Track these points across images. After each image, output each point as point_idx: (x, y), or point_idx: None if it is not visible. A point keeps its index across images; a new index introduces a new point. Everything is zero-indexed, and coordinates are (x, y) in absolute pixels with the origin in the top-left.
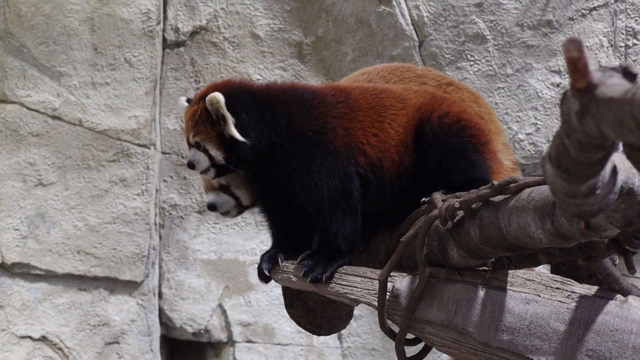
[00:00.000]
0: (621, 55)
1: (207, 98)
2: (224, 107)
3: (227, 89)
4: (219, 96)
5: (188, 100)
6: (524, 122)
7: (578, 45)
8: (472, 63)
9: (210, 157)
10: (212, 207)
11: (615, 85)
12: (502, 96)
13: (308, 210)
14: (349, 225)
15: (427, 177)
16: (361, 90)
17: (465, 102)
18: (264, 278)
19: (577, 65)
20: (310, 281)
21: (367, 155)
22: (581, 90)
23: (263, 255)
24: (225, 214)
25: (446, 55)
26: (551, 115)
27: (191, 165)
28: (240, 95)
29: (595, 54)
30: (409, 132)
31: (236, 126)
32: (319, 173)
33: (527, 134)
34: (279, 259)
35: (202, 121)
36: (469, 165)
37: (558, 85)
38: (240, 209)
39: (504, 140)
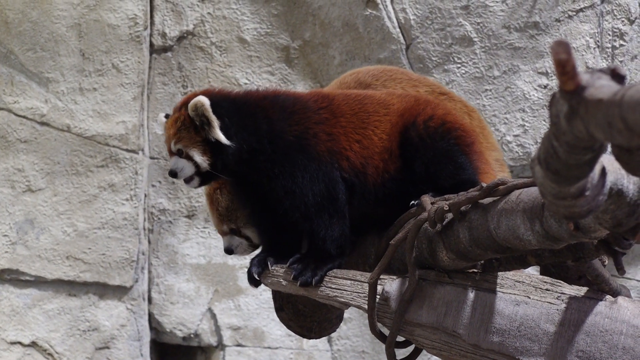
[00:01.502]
0: (608, 56)
1: (191, 102)
2: (209, 110)
3: (208, 95)
4: (203, 99)
5: (166, 116)
6: (511, 123)
7: (566, 47)
8: (459, 65)
9: (195, 164)
10: (229, 251)
11: (604, 87)
12: (490, 98)
13: (294, 216)
14: (337, 228)
15: (414, 183)
16: (344, 96)
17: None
18: (254, 282)
19: (565, 67)
20: (300, 285)
21: (350, 161)
22: (570, 92)
23: (253, 260)
24: (240, 254)
25: (433, 58)
26: (539, 117)
27: (173, 174)
28: (222, 102)
29: (582, 55)
30: (394, 139)
31: (221, 129)
32: (302, 178)
33: (515, 136)
34: (269, 263)
35: (185, 127)
36: (456, 169)
37: (545, 87)
38: (252, 247)
39: (498, 156)
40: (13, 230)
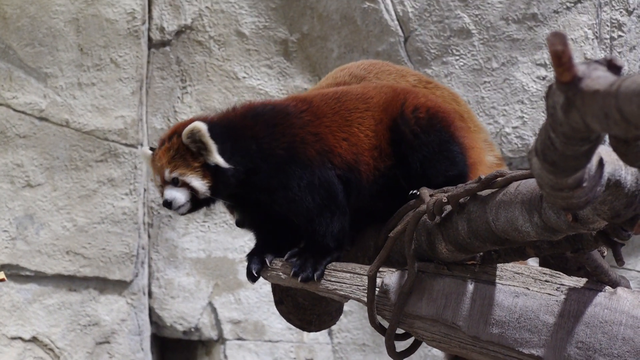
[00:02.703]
0: (606, 47)
1: (186, 129)
2: (207, 135)
3: (200, 121)
4: (200, 125)
5: (152, 149)
6: (510, 115)
7: (562, 39)
8: (457, 57)
9: (192, 190)
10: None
11: (600, 78)
12: (488, 90)
13: (298, 220)
14: (337, 224)
15: (408, 178)
16: (321, 96)
17: (445, 100)
18: (252, 278)
19: (561, 58)
20: (301, 281)
21: (342, 157)
22: (566, 84)
23: (250, 256)
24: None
25: (432, 50)
26: (537, 109)
27: (168, 204)
28: (213, 127)
29: (581, 46)
30: (382, 137)
31: (218, 153)
32: (300, 187)
33: (514, 128)
34: (267, 260)
35: (180, 155)
36: (451, 163)
37: (544, 79)
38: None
39: (485, 137)
40: (13, 225)
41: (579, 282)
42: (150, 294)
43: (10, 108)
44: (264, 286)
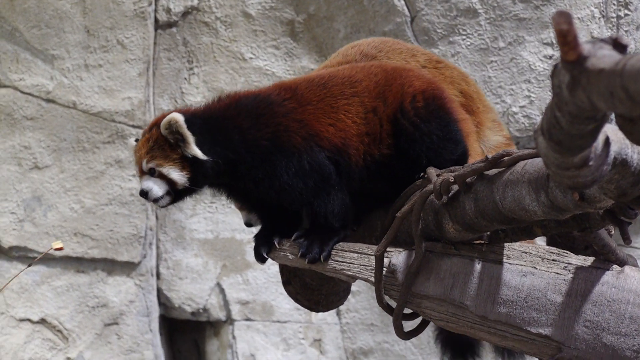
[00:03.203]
0: (613, 26)
1: (164, 120)
2: (184, 126)
3: (179, 113)
4: (177, 116)
5: (136, 140)
6: (517, 95)
7: (567, 18)
8: (464, 37)
9: (170, 182)
10: (248, 224)
11: (606, 57)
12: (495, 69)
13: (294, 206)
14: (337, 203)
15: (408, 169)
16: (307, 83)
17: (455, 80)
18: (262, 259)
19: (566, 37)
20: (308, 262)
21: (329, 140)
22: (571, 63)
23: (257, 238)
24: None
25: (438, 30)
26: (544, 88)
27: (144, 194)
28: (192, 119)
29: (587, 25)
30: (376, 125)
31: (196, 145)
32: (288, 175)
33: (521, 107)
34: (275, 241)
35: (159, 146)
36: (455, 143)
37: (551, 58)
38: None
39: (494, 117)
40: (20, 207)
41: (587, 261)
42: (158, 275)
43: (17, 90)
44: (272, 267)
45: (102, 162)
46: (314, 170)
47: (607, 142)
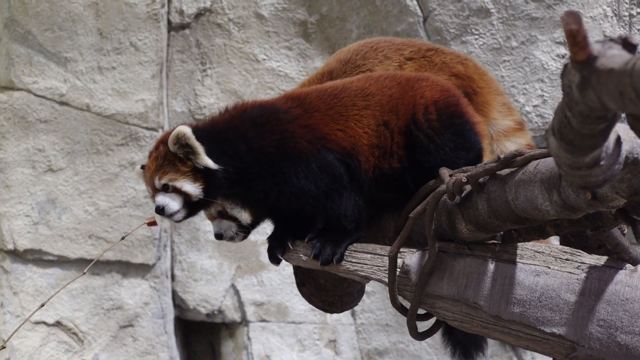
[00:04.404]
0: (625, 24)
1: (171, 135)
2: (193, 137)
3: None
4: (184, 129)
5: (142, 167)
6: (530, 94)
7: (577, 18)
8: (477, 37)
9: (184, 195)
10: (218, 236)
11: (615, 57)
12: (508, 69)
13: (307, 210)
14: (350, 205)
15: (418, 180)
16: (317, 92)
17: (447, 65)
18: (276, 261)
19: (576, 37)
20: (321, 264)
21: (337, 142)
22: (581, 63)
23: (271, 239)
24: (232, 239)
25: (451, 30)
26: (557, 87)
27: (160, 210)
28: (199, 131)
29: (600, 24)
30: (387, 138)
31: (206, 154)
32: (299, 180)
33: (534, 106)
34: (288, 243)
35: (169, 162)
36: (468, 149)
37: (563, 57)
38: (244, 230)
39: (504, 100)
40: (35, 210)
41: (600, 260)
42: (173, 277)
43: (30, 93)
44: (286, 268)
45: (116, 165)
46: (324, 172)
47: (618, 141)
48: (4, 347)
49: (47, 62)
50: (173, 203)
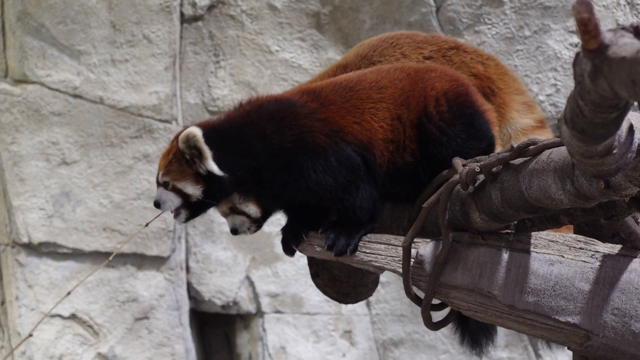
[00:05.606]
0: (638, 12)
1: (182, 134)
2: (202, 140)
3: (199, 127)
4: (195, 130)
5: None
6: (543, 83)
7: (588, 6)
8: (489, 26)
9: (183, 195)
10: (234, 231)
11: (627, 45)
12: (521, 58)
13: (324, 204)
14: (365, 197)
15: (431, 173)
16: (333, 85)
17: (467, 65)
18: (291, 252)
19: (587, 26)
20: (335, 255)
21: (354, 135)
22: (593, 51)
23: (285, 231)
24: (247, 232)
25: (463, 20)
26: (570, 76)
27: (157, 205)
28: (212, 132)
29: (613, 12)
30: (401, 133)
31: (214, 159)
32: (316, 174)
33: (548, 95)
34: (302, 234)
35: (176, 159)
36: (480, 138)
37: (576, 46)
38: (255, 223)
39: (525, 99)
40: (49, 203)
41: (614, 248)
42: (187, 269)
43: (44, 86)
44: (301, 259)
45: (130, 157)
46: (343, 165)
47: (631, 129)
48: (30, 336)
49: (60, 55)
50: (170, 201)
